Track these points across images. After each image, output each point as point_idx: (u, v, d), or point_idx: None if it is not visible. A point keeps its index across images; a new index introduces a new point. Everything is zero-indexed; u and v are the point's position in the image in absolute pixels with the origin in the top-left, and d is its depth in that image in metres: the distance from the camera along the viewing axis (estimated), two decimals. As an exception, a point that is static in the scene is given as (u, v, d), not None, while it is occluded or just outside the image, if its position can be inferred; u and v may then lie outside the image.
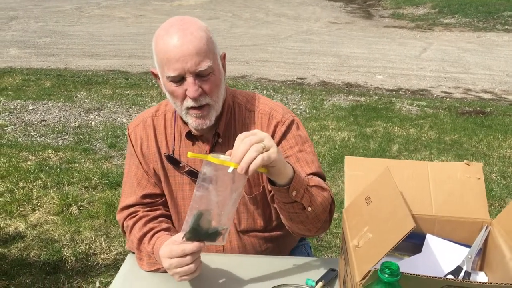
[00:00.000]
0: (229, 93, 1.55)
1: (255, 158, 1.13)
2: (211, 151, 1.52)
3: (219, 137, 1.52)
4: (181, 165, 1.54)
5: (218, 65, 1.43)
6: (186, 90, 1.37)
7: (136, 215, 1.55)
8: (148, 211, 1.56)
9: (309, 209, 1.31)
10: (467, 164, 1.35)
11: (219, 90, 1.44)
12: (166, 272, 1.38)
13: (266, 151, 1.15)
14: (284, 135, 1.51)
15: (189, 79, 1.36)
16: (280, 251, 1.67)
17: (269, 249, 1.65)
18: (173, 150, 1.55)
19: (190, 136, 1.53)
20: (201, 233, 1.23)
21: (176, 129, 1.55)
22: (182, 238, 1.24)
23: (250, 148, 1.14)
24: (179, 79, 1.37)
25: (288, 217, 1.36)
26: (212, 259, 1.49)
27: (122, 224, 1.59)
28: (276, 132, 1.51)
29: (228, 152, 1.20)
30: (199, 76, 1.37)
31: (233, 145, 1.51)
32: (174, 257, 1.30)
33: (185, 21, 1.39)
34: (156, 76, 1.49)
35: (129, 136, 1.61)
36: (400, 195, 1.14)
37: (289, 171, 1.24)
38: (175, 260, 1.30)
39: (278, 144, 1.50)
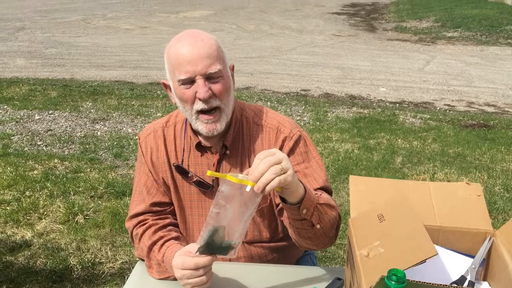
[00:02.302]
0: (237, 106, 1.58)
1: (272, 180, 1.15)
2: (219, 162, 1.56)
3: (226, 149, 1.55)
4: (189, 175, 1.57)
5: (227, 72, 1.47)
6: (196, 92, 1.40)
7: (146, 223, 1.57)
8: (157, 219, 1.59)
9: (318, 226, 1.34)
10: (467, 184, 1.39)
11: (229, 94, 1.46)
12: (175, 280, 1.41)
13: (284, 173, 1.17)
14: (292, 150, 1.53)
15: (199, 81, 1.40)
16: (286, 261, 1.69)
17: (275, 259, 1.67)
18: (182, 161, 1.58)
19: (199, 147, 1.56)
20: (214, 247, 1.26)
21: (185, 140, 1.58)
22: (196, 252, 1.27)
23: (268, 169, 1.15)
24: (190, 82, 1.41)
25: (297, 232, 1.38)
26: (220, 268, 1.51)
27: (131, 232, 1.61)
28: (283, 147, 1.53)
29: (246, 171, 1.22)
30: (209, 79, 1.41)
31: (240, 158, 1.56)
32: (187, 269, 1.32)
33: (196, 31, 1.46)
34: (166, 87, 1.53)
35: (140, 145, 1.64)
36: (418, 218, 1.17)
37: (301, 190, 1.26)
38: (188, 271, 1.32)
39: None
